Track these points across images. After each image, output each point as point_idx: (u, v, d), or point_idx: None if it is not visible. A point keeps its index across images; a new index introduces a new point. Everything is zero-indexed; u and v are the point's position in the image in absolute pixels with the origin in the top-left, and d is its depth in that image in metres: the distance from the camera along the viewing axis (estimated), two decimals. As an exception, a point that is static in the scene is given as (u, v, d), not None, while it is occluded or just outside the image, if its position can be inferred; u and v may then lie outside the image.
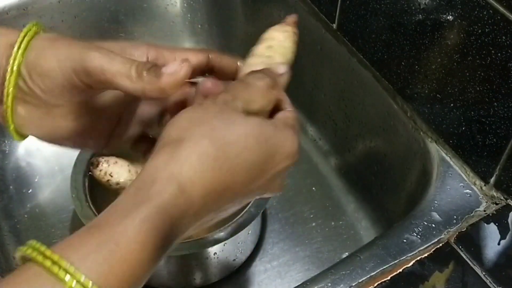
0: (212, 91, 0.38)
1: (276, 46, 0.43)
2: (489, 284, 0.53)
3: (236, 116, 0.36)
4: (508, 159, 0.58)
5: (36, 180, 0.85)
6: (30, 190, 0.83)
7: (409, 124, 0.68)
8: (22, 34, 0.39)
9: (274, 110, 0.40)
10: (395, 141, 0.72)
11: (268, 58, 0.43)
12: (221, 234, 0.66)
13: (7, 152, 0.87)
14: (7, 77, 0.39)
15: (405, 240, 0.57)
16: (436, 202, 0.60)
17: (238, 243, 0.71)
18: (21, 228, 0.79)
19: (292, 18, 0.45)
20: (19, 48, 0.39)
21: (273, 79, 0.39)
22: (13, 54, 0.39)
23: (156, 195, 0.33)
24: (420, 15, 0.61)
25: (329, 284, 0.53)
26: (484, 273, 0.54)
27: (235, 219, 0.67)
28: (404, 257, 0.55)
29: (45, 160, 0.87)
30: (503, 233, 0.57)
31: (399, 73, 0.67)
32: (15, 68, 0.39)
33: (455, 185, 0.62)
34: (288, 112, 0.40)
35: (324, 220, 0.81)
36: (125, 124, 0.45)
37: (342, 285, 0.53)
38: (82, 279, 0.30)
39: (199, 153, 0.34)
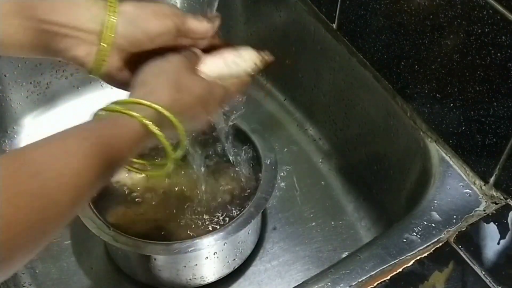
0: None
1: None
2: (488, 283, 0.53)
3: (189, 71, 0.55)
4: (508, 159, 0.58)
5: (36, 180, 0.85)
6: (31, 190, 0.83)
7: (409, 124, 0.68)
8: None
9: None
10: (395, 141, 0.72)
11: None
12: (221, 234, 0.66)
13: (7, 151, 0.87)
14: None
15: (405, 240, 0.57)
16: (435, 201, 0.60)
17: (238, 242, 0.72)
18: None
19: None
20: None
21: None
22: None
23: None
24: (420, 15, 0.61)
25: (329, 283, 0.54)
26: (483, 272, 0.54)
27: (235, 219, 0.67)
28: (404, 257, 0.55)
29: (45, 160, 0.87)
30: (502, 233, 0.57)
31: (399, 73, 0.68)
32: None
33: (455, 184, 0.62)
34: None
35: (324, 219, 0.81)
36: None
37: (342, 285, 0.53)
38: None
39: (167, 94, 0.52)
